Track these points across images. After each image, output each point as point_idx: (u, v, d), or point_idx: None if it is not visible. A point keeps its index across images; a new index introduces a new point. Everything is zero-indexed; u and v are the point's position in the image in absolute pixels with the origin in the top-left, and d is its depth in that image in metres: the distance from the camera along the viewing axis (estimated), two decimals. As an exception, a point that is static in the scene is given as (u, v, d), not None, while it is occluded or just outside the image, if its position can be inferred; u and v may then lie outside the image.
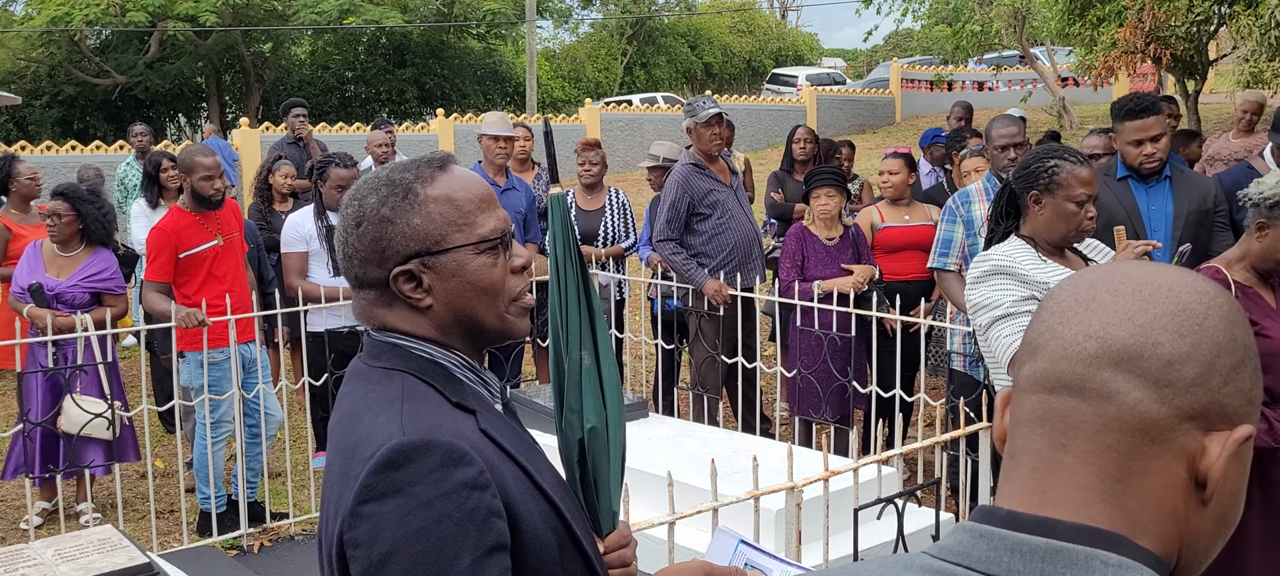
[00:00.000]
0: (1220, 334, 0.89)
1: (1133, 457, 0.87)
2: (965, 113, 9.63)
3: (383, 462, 1.32)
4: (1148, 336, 0.87)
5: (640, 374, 6.52)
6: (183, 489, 5.36)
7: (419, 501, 1.30)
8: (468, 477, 1.32)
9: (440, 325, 1.49)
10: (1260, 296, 3.28)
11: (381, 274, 1.47)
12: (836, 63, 38.82)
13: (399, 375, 1.45)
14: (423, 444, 1.33)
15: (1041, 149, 3.39)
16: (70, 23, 22.60)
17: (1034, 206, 3.25)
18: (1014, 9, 19.23)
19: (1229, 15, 12.55)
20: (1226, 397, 0.88)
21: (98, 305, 5.34)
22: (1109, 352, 0.88)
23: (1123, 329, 0.88)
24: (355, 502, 1.32)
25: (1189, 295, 0.89)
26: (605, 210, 6.55)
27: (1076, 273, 0.99)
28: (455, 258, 1.47)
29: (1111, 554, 0.84)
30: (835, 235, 5.47)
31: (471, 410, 1.45)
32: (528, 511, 1.40)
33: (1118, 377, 0.87)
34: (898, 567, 0.93)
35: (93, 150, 15.37)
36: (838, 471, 3.01)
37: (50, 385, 5.03)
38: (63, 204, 5.35)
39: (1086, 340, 0.89)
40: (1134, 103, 4.28)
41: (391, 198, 1.48)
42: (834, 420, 5.27)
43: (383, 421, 1.37)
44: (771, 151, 20.49)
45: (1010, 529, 0.88)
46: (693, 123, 5.68)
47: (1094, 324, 0.89)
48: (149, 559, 2.98)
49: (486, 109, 25.02)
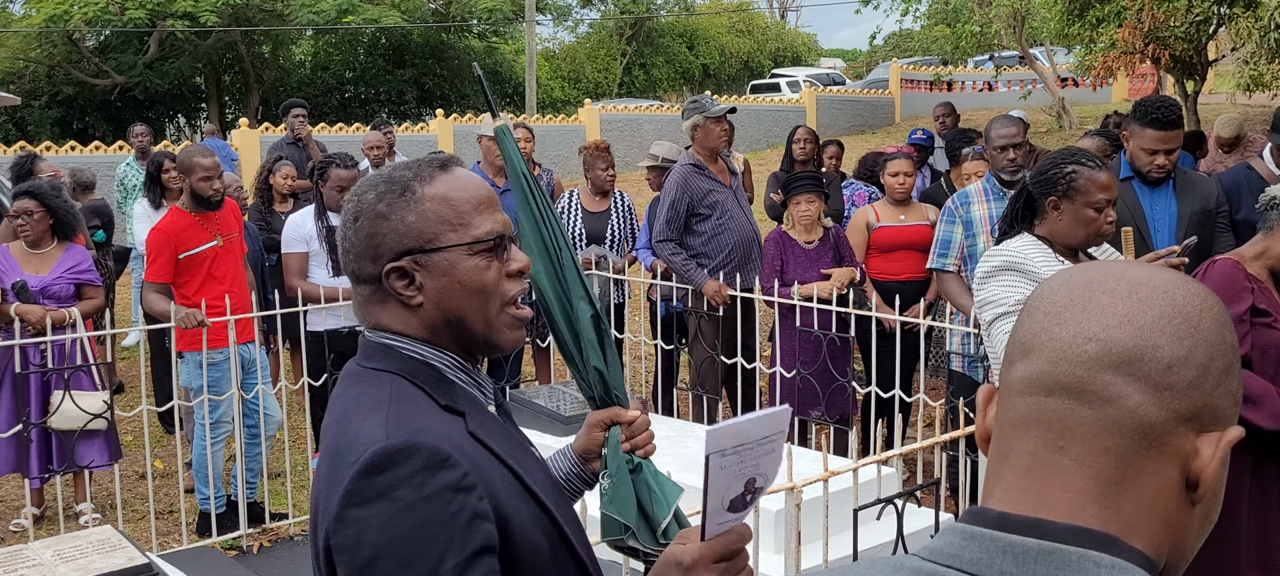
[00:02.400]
0: (1213, 336, 0.89)
1: (1129, 460, 0.87)
2: (949, 113, 9.60)
3: (366, 467, 1.32)
4: (1147, 339, 0.87)
5: (640, 374, 6.52)
6: (182, 489, 5.36)
7: (402, 505, 1.30)
8: (452, 480, 1.32)
9: (431, 324, 1.49)
10: (1270, 291, 3.29)
11: (375, 270, 1.48)
12: (836, 63, 38.82)
13: (389, 377, 1.45)
14: (406, 447, 1.32)
15: (1060, 153, 3.37)
16: (69, 21, 22.59)
17: (1052, 211, 3.22)
18: (1013, 9, 19.25)
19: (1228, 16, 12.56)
20: (1218, 399, 0.89)
21: (78, 298, 5.33)
22: (1110, 355, 0.87)
23: (1123, 331, 0.88)
24: (340, 507, 1.32)
25: (1183, 297, 0.90)
26: (611, 213, 6.54)
27: (1064, 271, 0.98)
28: (447, 256, 1.47)
29: (1104, 555, 0.84)
30: (814, 239, 5.49)
31: (461, 412, 1.45)
32: (517, 514, 1.40)
33: (1118, 381, 0.87)
34: (888, 570, 0.92)
35: (92, 151, 15.37)
36: (837, 472, 3.01)
37: (38, 383, 5.00)
38: (32, 202, 5.30)
39: (1086, 343, 0.88)
40: (1161, 112, 4.18)
41: (388, 194, 1.49)
42: (833, 420, 5.27)
43: (369, 425, 1.37)
44: (771, 152, 20.50)
45: (1001, 530, 0.87)
46: (703, 118, 5.68)
47: (1093, 326, 0.89)
48: (148, 559, 2.98)
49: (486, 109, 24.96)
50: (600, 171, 6.50)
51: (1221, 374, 0.89)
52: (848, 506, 2.93)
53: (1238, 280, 3.24)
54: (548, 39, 36.73)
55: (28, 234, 5.29)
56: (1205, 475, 0.87)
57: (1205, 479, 0.87)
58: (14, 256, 5.27)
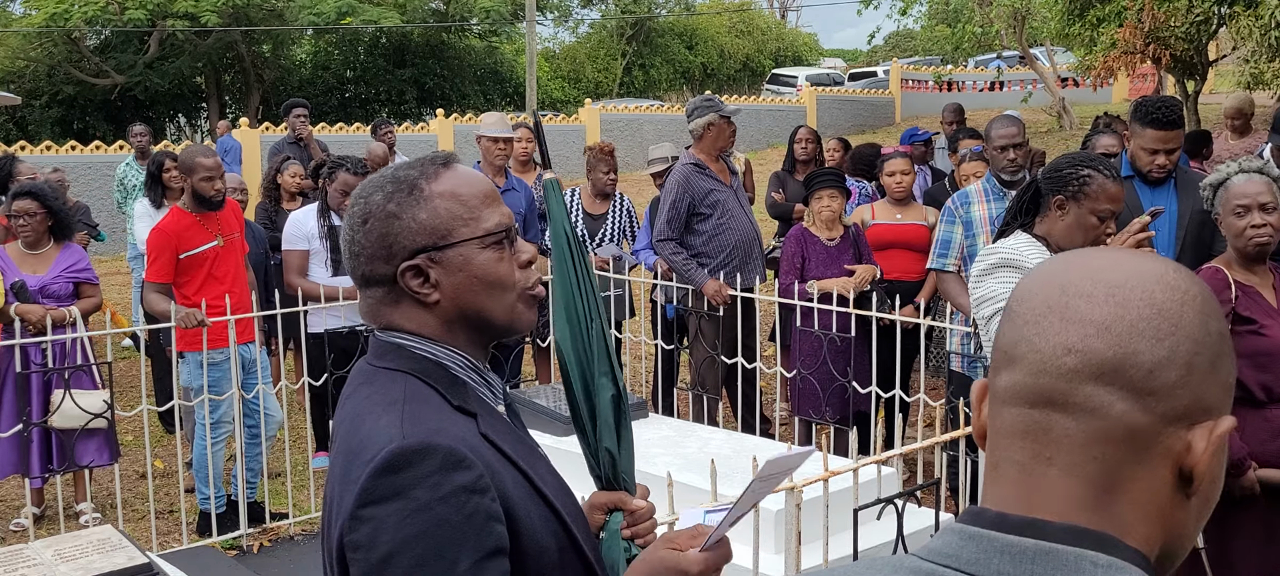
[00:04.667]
0: (1196, 330, 0.88)
1: (1119, 466, 0.87)
2: (956, 116, 9.62)
3: (382, 466, 1.32)
4: (1127, 346, 0.86)
5: (640, 374, 6.52)
6: (182, 489, 5.36)
7: (418, 505, 1.30)
8: (467, 481, 1.33)
9: (447, 321, 1.49)
10: (1261, 295, 3.29)
11: (389, 270, 1.48)
12: (836, 63, 38.82)
13: (402, 376, 1.45)
14: (422, 447, 1.33)
15: (1078, 154, 3.37)
16: (68, 21, 22.59)
17: (1057, 210, 3.20)
18: (1014, 9, 19.25)
19: (1229, 16, 12.55)
20: (1206, 392, 0.88)
21: (77, 297, 5.33)
22: (1090, 367, 0.87)
23: (1101, 341, 0.87)
24: (355, 506, 1.33)
25: (1162, 293, 0.88)
26: (610, 215, 6.54)
27: (1042, 268, 0.96)
28: (462, 252, 1.48)
29: (1101, 554, 0.85)
30: (836, 236, 5.46)
31: (473, 413, 1.45)
32: (527, 515, 1.40)
33: (1101, 391, 0.86)
34: (888, 570, 0.92)
35: (92, 150, 15.38)
36: (837, 472, 3.01)
37: (39, 383, 5.00)
38: (32, 202, 5.29)
39: (1065, 354, 0.87)
40: (1162, 112, 4.18)
41: (397, 194, 1.49)
42: (834, 420, 5.27)
43: (384, 424, 1.38)
44: (771, 152, 20.50)
45: (999, 531, 0.88)
46: (718, 117, 5.67)
47: (1071, 336, 0.88)
48: (148, 559, 2.98)
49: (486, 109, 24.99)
50: (602, 174, 6.50)
51: (1208, 367, 0.88)
52: (848, 506, 2.93)
53: (1218, 289, 3.24)
54: (548, 39, 36.76)
55: (29, 234, 5.29)
56: (1198, 468, 0.87)
57: (1199, 472, 0.87)
58: (11, 257, 5.27)
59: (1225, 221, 3.34)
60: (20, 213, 5.27)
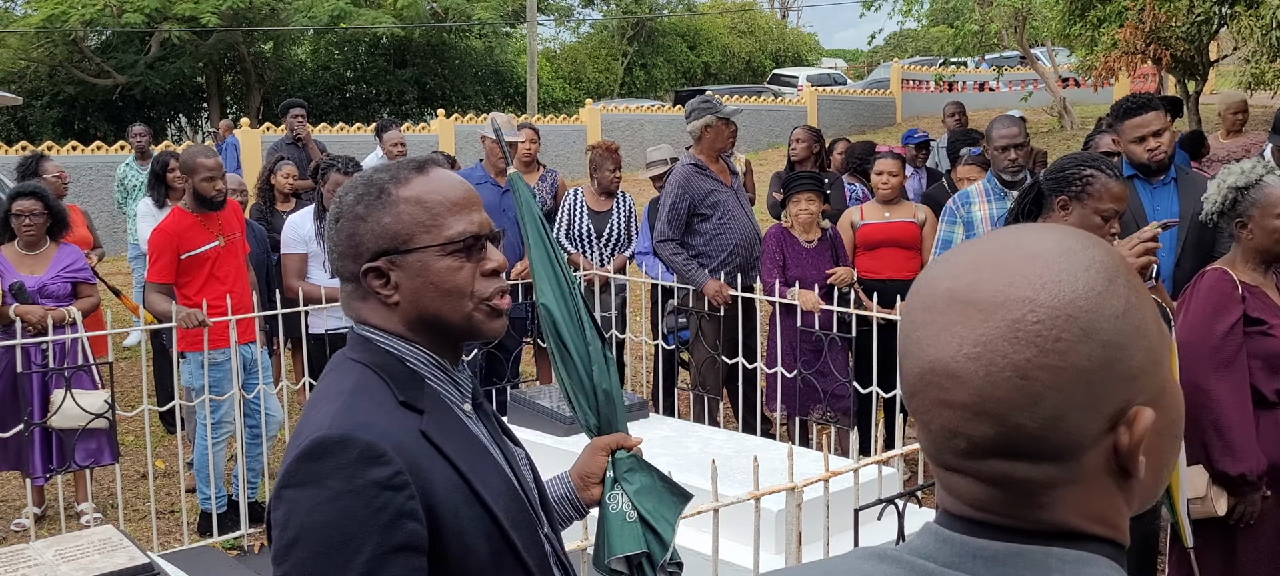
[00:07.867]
0: (1082, 355, 0.82)
1: (1055, 486, 0.85)
2: (958, 111, 9.63)
3: (304, 452, 1.38)
4: (1008, 421, 0.83)
5: (640, 374, 6.51)
6: (183, 489, 5.37)
7: (330, 494, 1.35)
8: (381, 477, 1.36)
9: (408, 322, 1.54)
10: (1267, 295, 3.28)
11: (355, 269, 1.54)
12: (837, 63, 38.82)
13: (360, 368, 1.50)
14: (343, 438, 1.37)
15: (1080, 154, 3.36)
16: (67, 22, 22.59)
17: (1060, 210, 3.19)
18: (1014, 9, 19.24)
19: (1230, 16, 12.55)
20: (1117, 396, 0.84)
21: (75, 297, 5.34)
22: (981, 449, 0.85)
23: (980, 424, 0.84)
24: (278, 485, 1.40)
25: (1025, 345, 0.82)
26: (613, 214, 6.54)
27: (935, 267, 0.91)
28: (421, 258, 1.52)
29: (1069, 550, 0.85)
30: (814, 238, 5.52)
31: (420, 410, 1.47)
32: (455, 517, 1.42)
33: (1002, 464, 0.85)
34: (873, 559, 0.93)
35: (93, 150, 15.39)
36: (838, 472, 3.01)
37: (39, 383, 5.01)
38: (34, 202, 5.33)
39: (953, 437, 0.86)
40: (1129, 102, 4.27)
41: (366, 196, 1.54)
42: (833, 420, 5.28)
43: (319, 413, 1.44)
44: (772, 152, 20.51)
45: (969, 535, 0.88)
46: (715, 118, 5.67)
47: (952, 419, 0.85)
48: (149, 559, 2.98)
49: (487, 109, 25.05)
50: (608, 173, 6.50)
51: (1113, 376, 0.83)
52: (849, 506, 2.93)
53: (1227, 292, 3.23)
54: (549, 39, 36.76)
55: (31, 234, 5.31)
56: (1133, 459, 0.85)
57: (1134, 461, 0.85)
58: (8, 258, 5.28)
59: (1261, 224, 3.25)
60: (23, 212, 5.30)
